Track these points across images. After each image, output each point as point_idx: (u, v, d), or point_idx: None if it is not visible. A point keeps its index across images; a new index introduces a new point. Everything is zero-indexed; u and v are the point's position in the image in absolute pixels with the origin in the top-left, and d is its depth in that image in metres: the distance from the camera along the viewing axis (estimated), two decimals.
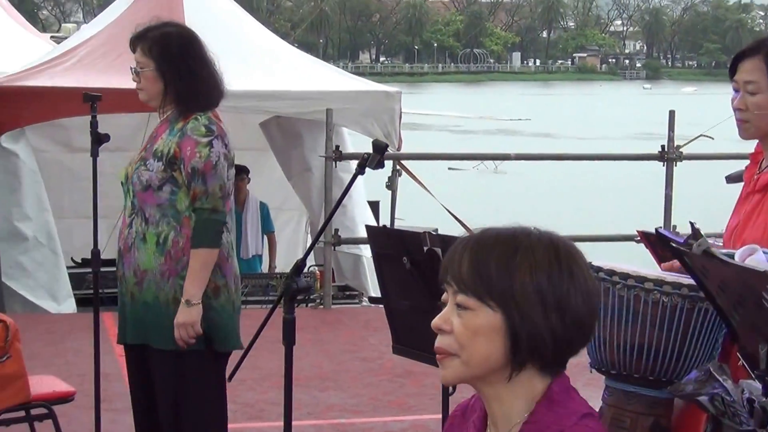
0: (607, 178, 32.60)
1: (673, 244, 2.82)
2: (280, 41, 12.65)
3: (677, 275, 3.60)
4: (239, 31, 11.39)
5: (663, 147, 10.56)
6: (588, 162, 18.03)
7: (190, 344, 4.71)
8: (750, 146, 4.06)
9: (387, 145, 4.14)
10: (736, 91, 3.80)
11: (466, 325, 2.26)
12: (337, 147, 10.59)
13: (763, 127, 3.77)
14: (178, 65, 4.79)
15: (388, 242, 3.74)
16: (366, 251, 11.87)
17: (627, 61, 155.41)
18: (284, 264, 12.94)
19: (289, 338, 4.20)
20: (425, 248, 3.43)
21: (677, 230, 8.21)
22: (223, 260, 4.82)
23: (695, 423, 3.63)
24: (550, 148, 36.75)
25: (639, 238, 4.22)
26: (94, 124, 5.45)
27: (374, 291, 12.20)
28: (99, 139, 5.49)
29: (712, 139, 11.79)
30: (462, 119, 57.01)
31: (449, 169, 33.32)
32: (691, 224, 2.69)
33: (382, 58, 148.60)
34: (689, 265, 2.90)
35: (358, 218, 11.53)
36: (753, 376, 2.77)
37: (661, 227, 3.14)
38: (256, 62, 10.97)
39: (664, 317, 3.53)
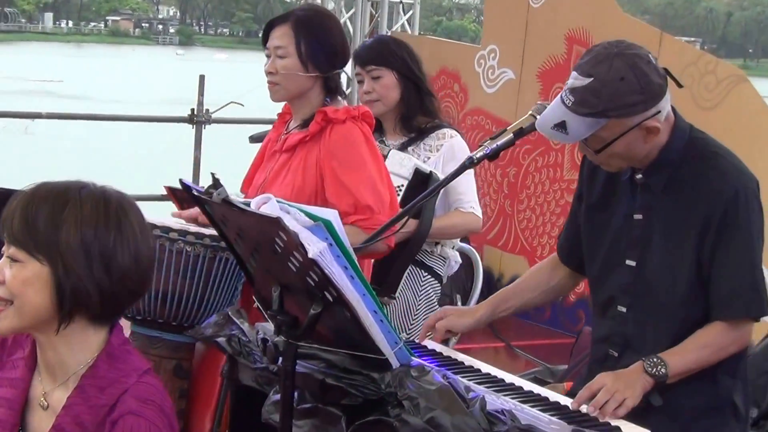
0: (141, 140, 32.48)
1: (195, 193, 2.99)
2: None
3: (200, 227, 3.81)
4: None
5: (193, 110, 10.80)
6: (123, 124, 18.00)
7: None
8: (276, 111, 4.31)
9: None
10: (269, 57, 4.05)
11: (16, 276, 2.34)
12: None
13: (291, 89, 4.03)
14: None
15: None
16: None
17: (161, 27, 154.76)
18: None
19: None
20: None
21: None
22: None
23: (214, 364, 3.86)
24: (86, 109, 36.05)
25: (167, 194, 4.40)
26: None
27: None
28: None
29: (242, 105, 12.11)
30: None
31: None
32: (212, 174, 2.87)
33: None
34: (210, 214, 3.09)
35: None
36: (266, 317, 3.00)
37: (185, 180, 3.31)
38: None
39: (187, 265, 3.74)
